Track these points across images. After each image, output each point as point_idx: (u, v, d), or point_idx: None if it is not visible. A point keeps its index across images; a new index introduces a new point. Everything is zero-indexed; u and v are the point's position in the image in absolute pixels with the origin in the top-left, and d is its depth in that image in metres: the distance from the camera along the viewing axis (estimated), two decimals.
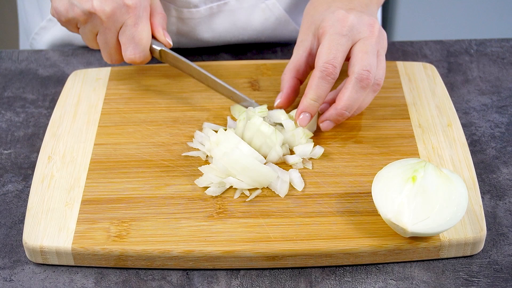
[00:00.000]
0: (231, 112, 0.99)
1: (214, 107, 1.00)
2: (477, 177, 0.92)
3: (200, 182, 0.89)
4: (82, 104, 1.01)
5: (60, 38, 1.17)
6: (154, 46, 0.98)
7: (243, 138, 0.92)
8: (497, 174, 0.94)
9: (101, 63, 1.13)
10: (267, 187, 0.89)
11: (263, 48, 1.16)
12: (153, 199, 0.87)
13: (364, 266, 0.83)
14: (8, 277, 0.83)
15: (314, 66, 0.92)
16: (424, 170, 0.81)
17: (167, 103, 1.01)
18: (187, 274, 0.83)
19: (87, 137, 0.96)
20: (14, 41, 2.04)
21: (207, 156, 0.93)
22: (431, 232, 0.80)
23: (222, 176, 0.88)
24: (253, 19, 1.13)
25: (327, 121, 0.93)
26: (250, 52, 1.15)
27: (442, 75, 1.09)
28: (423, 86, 1.03)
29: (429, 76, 1.04)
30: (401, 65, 1.06)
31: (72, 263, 0.83)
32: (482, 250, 0.85)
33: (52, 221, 0.85)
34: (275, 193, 0.88)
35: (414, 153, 0.93)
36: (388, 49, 1.14)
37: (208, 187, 0.88)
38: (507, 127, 1.00)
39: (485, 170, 0.94)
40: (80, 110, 1.00)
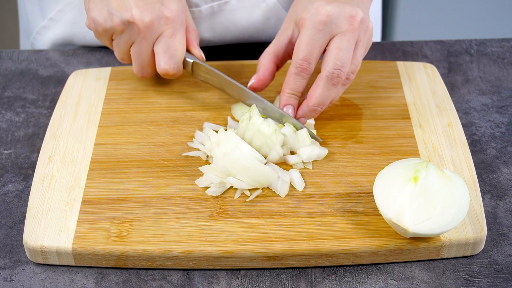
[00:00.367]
0: (232, 112, 0.99)
1: (215, 107, 1.00)
2: (478, 177, 0.92)
3: (201, 182, 0.89)
4: (83, 104, 1.01)
5: (61, 38, 1.17)
6: (187, 59, 0.99)
7: (244, 138, 0.92)
8: (498, 174, 0.94)
9: (101, 63, 1.13)
10: (268, 187, 0.89)
11: (263, 48, 1.16)
12: (154, 199, 0.87)
13: (365, 266, 0.83)
14: (9, 277, 0.83)
15: (292, 57, 0.93)
16: (426, 171, 0.81)
17: (167, 103, 1.01)
18: (188, 274, 0.83)
19: (88, 137, 0.96)
20: (14, 41, 2.05)
21: (208, 156, 0.93)
22: (432, 233, 0.80)
23: (223, 176, 0.88)
24: (254, 19, 1.13)
25: (302, 119, 0.95)
26: (250, 52, 1.15)
27: (443, 75, 1.09)
28: (424, 86, 1.03)
29: (430, 76, 1.04)
30: (401, 65, 1.06)
31: (73, 263, 0.83)
32: (483, 250, 0.85)
33: (53, 221, 0.85)
34: (276, 193, 0.88)
35: (415, 153, 0.93)
36: (388, 49, 1.14)
37: (209, 187, 0.88)
38: (508, 127, 1.00)
39: (486, 170, 0.94)
40: (81, 110, 1.00)
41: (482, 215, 0.85)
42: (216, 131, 0.93)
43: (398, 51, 1.15)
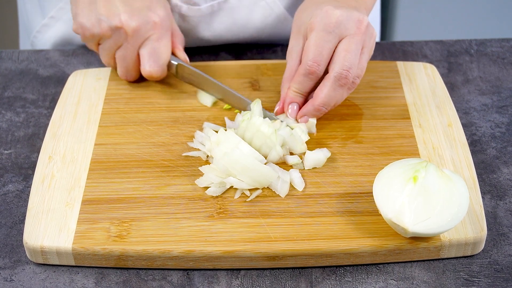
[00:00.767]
0: (198, 98, 1.00)
1: (215, 107, 1.00)
2: (478, 177, 0.92)
3: (201, 182, 0.89)
4: (83, 104, 1.01)
5: (62, 36, 1.18)
6: (172, 61, 1.01)
7: (244, 138, 0.92)
8: (498, 174, 0.94)
9: (101, 63, 1.13)
10: (268, 187, 0.89)
11: (263, 48, 1.16)
12: (154, 199, 0.87)
13: (365, 266, 0.83)
14: (9, 277, 0.83)
15: (302, 59, 0.94)
16: (426, 171, 0.81)
17: (167, 103, 1.01)
18: (188, 274, 0.83)
19: (88, 137, 0.96)
20: (14, 41, 2.04)
21: (208, 156, 0.93)
22: (432, 233, 0.80)
23: (223, 176, 0.88)
24: (253, 17, 1.13)
25: (305, 117, 0.95)
26: (250, 52, 1.15)
27: (442, 75, 1.09)
28: (423, 86, 1.03)
29: (429, 76, 1.04)
30: (401, 65, 1.06)
31: (73, 263, 0.83)
32: (483, 250, 0.85)
33: (53, 221, 0.85)
34: (276, 193, 0.88)
35: (415, 153, 0.93)
36: (388, 49, 1.14)
37: (209, 187, 0.88)
38: (508, 127, 1.00)
39: (486, 170, 0.94)
40: (81, 110, 1.00)
41: (482, 215, 0.85)
42: (216, 131, 0.93)
43: (398, 51, 1.15)
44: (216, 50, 1.16)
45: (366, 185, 0.88)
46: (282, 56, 1.14)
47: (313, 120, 0.95)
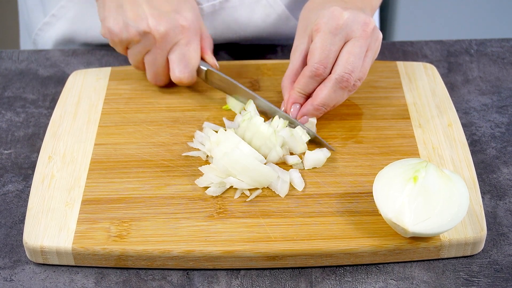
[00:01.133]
0: (228, 103, 1.00)
1: (215, 107, 1.00)
2: (478, 177, 0.92)
3: (201, 182, 0.89)
4: (83, 104, 1.01)
5: (64, 34, 1.18)
6: (201, 67, 1.00)
7: (244, 138, 0.92)
8: (498, 174, 0.94)
9: (101, 63, 1.13)
10: (268, 187, 0.89)
11: (263, 48, 1.16)
12: (154, 199, 0.87)
13: (365, 266, 0.83)
14: (9, 277, 0.83)
15: (307, 61, 0.93)
16: (426, 171, 0.81)
17: (167, 103, 1.01)
18: (188, 274, 0.83)
19: (88, 137, 0.96)
20: (15, 40, 2.04)
21: (208, 156, 0.93)
22: (432, 233, 0.80)
23: (223, 176, 0.88)
24: (254, 16, 1.13)
25: (304, 117, 0.95)
26: (251, 52, 1.15)
27: (442, 75, 1.09)
28: (423, 86, 1.03)
29: (429, 76, 1.04)
30: (401, 65, 1.06)
31: (73, 263, 0.83)
32: (483, 250, 0.85)
33: (53, 221, 0.85)
34: (276, 193, 0.88)
35: (414, 153, 0.93)
36: (388, 49, 1.14)
37: (209, 187, 0.88)
38: (507, 127, 1.00)
39: (486, 170, 0.94)
40: (81, 110, 1.00)
41: (482, 215, 0.85)
42: (216, 131, 0.93)
43: (398, 51, 1.15)
44: (216, 50, 1.16)
45: (366, 185, 0.88)
46: (282, 56, 1.14)
47: (313, 120, 0.95)
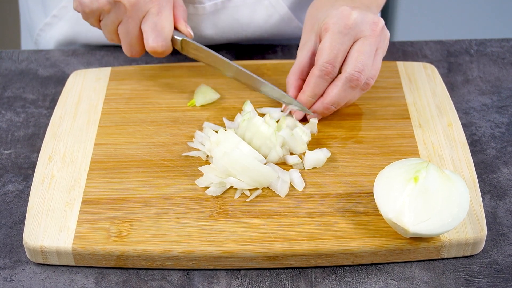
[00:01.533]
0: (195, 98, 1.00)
1: (214, 107, 1.00)
2: (478, 177, 0.92)
3: (201, 182, 0.89)
4: (83, 104, 1.01)
5: (65, 35, 1.18)
6: (176, 37, 0.99)
7: (244, 138, 0.92)
8: (498, 174, 0.94)
9: (101, 63, 1.13)
10: (268, 187, 0.89)
11: (263, 48, 1.16)
12: (154, 199, 0.87)
13: (365, 266, 0.83)
14: (9, 277, 0.83)
15: (315, 61, 0.93)
16: (426, 171, 0.81)
17: (167, 103, 1.01)
18: (188, 274, 0.83)
19: (88, 137, 0.96)
20: (15, 41, 2.05)
21: (208, 156, 0.93)
22: (432, 233, 0.80)
23: (223, 176, 0.88)
24: (256, 16, 1.13)
25: (314, 113, 0.96)
26: (251, 52, 1.15)
27: (442, 75, 1.09)
28: (423, 86, 1.03)
29: (429, 76, 1.04)
30: (401, 65, 1.06)
31: (73, 263, 0.83)
32: (483, 250, 0.85)
33: (53, 221, 0.85)
34: (276, 193, 0.88)
35: (415, 153, 0.93)
36: (388, 49, 1.14)
37: (209, 187, 0.88)
38: (507, 127, 1.00)
39: (486, 170, 0.94)
40: (81, 110, 1.00)
41: (482, 215, 0.85)
42: (216, 131, 0.93)
43: (398, 51, 1.15)
44: (216, 50, 1.15)
45: (366, 185, 0.88)
46: (282, 56, 1.14)
47: (314, 121, 0.95)
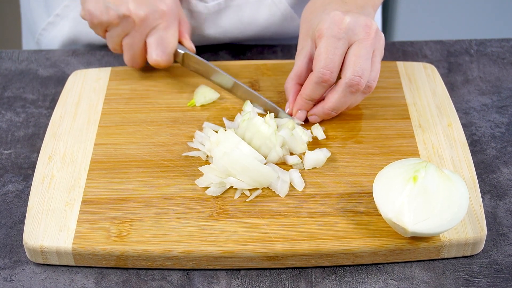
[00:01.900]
0: (195, 98, 1.00)
1: (214, 107, 1.00)
2: (478, 177, 0.92)
3: (201, 182, 0.89)
4: (83, 104, 1.01)
5: (68, 34, 1.18)
6: (179, 50, 1.02)
7: (244, 138, 0.92)
8: (498, 174, 0.94)
9: (101, 63, 1.13)
10: (268, 187, 0.89)
11: (263, 48, 1.16)
12: (154, 199, 0.87)
13: (365, 266, 0.83)
14: (9, 277, 0.83)
15: (313, 67, 0.93)
16: (426, 171, 0.81)
17: (167, 103, 1.01)
18: (188, 274, 0.83)
19: (88, 137, 0.96)
20: (16, 40, 2.04)
21: (208, 156, 0.93)
22: (432, 232, 0.80)
23: (223, 176, 0.88)
24: (259, 15, 1.13)
25: (314, 116, 0.96)
26: (250, 52, 1.15)
27: (442, 75, 1.09)
28: (423, 86, 1.03)
29: (429, 76, 1.04)
30: (401, 65, 1.06)
31: (73, 263, 0.83)
32: (483, 250, 0.85)
33: (53, 221, 0.85)
34: (276, 193, 0.88)
35: (414, 153, 0.93)
36: (388, 49, 1.14)
37: (209, 187, 0.88)
38: (507, 127, 1.00)
39: (486, 170, 0.94)
40: (81, 110, 1.00)
41: (482, 215, 0.85)
42: (216, 131, 0.93)
43: (398, 51, 1.15)
44: (216, 50, 1.16)
45: (366, 185, 0.88)
46: (282, 56, 1.14)
47: (320, 129, 0.95)
